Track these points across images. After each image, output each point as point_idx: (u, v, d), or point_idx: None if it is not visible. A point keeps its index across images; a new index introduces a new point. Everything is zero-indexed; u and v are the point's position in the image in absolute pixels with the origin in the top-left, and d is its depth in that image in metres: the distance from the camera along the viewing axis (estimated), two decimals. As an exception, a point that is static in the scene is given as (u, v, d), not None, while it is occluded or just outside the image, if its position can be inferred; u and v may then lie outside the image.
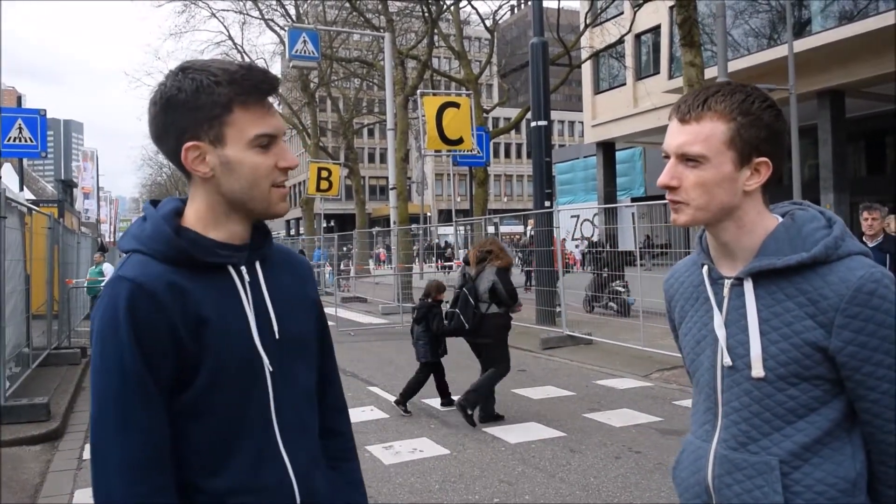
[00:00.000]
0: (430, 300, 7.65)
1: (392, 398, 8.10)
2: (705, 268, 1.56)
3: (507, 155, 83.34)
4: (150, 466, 1.29)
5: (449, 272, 20.81)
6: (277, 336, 1.43)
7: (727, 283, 1.50)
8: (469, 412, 6.72)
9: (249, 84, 1.35)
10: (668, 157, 1.49)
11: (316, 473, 1.49)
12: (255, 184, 1.38)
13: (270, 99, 1.41)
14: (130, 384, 1.28)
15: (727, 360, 1.48)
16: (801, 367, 1.39)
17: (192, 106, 1.34)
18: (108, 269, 14.97)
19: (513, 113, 41.19)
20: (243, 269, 1.42)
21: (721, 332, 1.49)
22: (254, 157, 1.37)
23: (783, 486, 1.41)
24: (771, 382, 1.42)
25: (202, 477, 1.35)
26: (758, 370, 1.43)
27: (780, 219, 1.50)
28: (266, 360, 1.40)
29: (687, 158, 1.45)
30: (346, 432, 1.68)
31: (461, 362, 10.34)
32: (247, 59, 35.13)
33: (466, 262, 7.33)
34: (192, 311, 1.33)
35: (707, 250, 1.56)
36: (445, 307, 7.51)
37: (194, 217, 1.42)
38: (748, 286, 1.46)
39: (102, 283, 14.49)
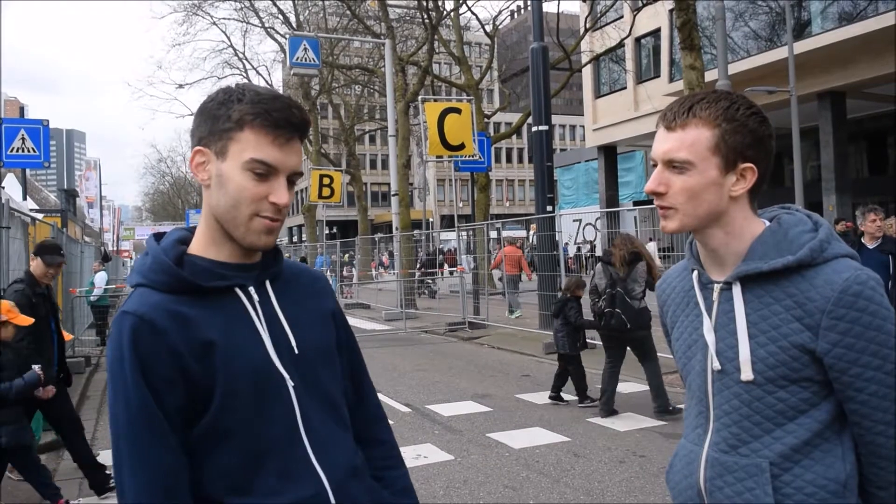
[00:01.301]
0: (569, 294, 8.04)
1: (396, 404, 8.11)
2: (695, 273, 1.58)
3: (509, 160, 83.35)
4: (164, 498, 1.30)
5: (440, 278, 20.77)
6: (297, 351, 1.44)
7: (716, 287, 1.52)
8: (671, 409, 7.14)
9: (263, 108, 1.36)
10: (656, 164, 1.51)
11: (354, 483, 1.49)
12: (236, 205, 1.37)
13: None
14: (137, 419, 1.30)
15: (716, 364, 1.49)
16: (789, 369, 1.41)
17: (212, 115, 1.38)
18: (100, 279, 14.80)
19: (514, 118, 41.31)
20: (251, 289, 1.43)
21: (710, 337, 1.51)
22: (244, 179, 1.36)
23: (773, 488, 1.42)
24: (760, 385, 1.43)
25: (231, 496, 1.36)
26: (747, 373, 1.44)
27: (768, 223, 1.51)
28: (286, 376, 1.41)
29: (673, 165, 1.47)
30: (389, 440, 1.68)
31: (455, 365, 10.35)
32: (248, 66, 35.28)
33: (607, 262, 7.50)
34: (196, 336, 1.34)
35: (697, 256, 1.59)
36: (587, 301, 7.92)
37: (200, 236, 1.45)
38: (736, 290, 1.47)
39: (93, 293, 14.51)
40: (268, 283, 1.46)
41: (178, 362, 1.32)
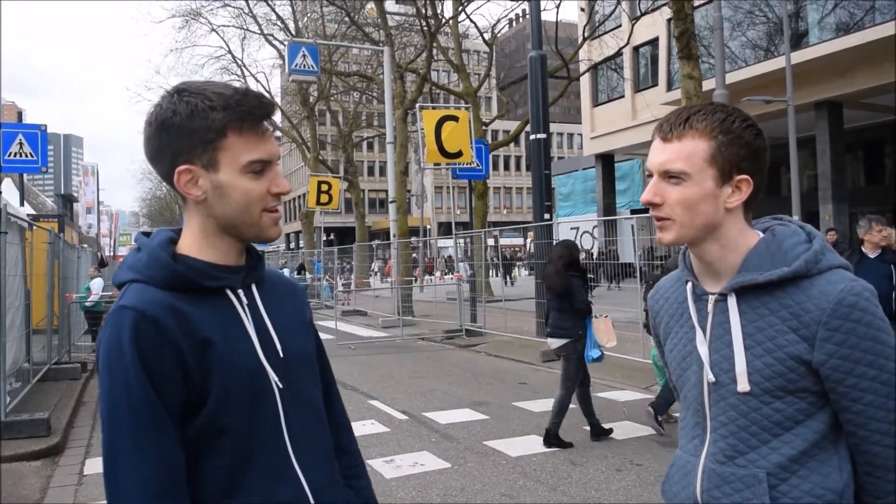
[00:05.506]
0: None
1: (392, 411, 8.09)
2: (689, 284, 1.58)
3: (507, 167, 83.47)
4: (165, 493, 1.29)
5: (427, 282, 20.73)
6: (282, 354, 1.44)
7: (711, 298, 1.52)
8: None
9: (244, 110, 1.35)
10: (651, 175, 1.52)
11: (332, 491, 1.49)
12: (246, 209, 1.38)
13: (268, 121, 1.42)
14: (139, 413, 1.28)
15: (711, 377, 1.50)
16: (785, 380, 1.41)
17: (187, 129, 1.34)
18: (97, 284, 14.72)
19: (512, 125, 41.31)
20: (240, 291, 1.44)
21: (703, 349, 1.51)
22: (246, 182, 1.37)
23: (771, 499, 1.42)
24: (757, 396, 1.44)
25: (219, 498, 1.35)
26: (743, 385, 1.45)
27: (762, 234, 1.52)
28: (274, 377, 1.41)
29: (670, 175, 1.47)
30: (354, 450, 1.69)
31: (452, 372, 10.33)
32: (247, 73, 35.29)
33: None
34: (195, 334, 1.33)
35: (691, 267, 1.59)
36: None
37: (189, 241, 1.43)
38: (732, 301, 1.48)
39: (89, 299, 14.41)
40: (253, 287, 1.47)
41: (179, 359, 1.31)
